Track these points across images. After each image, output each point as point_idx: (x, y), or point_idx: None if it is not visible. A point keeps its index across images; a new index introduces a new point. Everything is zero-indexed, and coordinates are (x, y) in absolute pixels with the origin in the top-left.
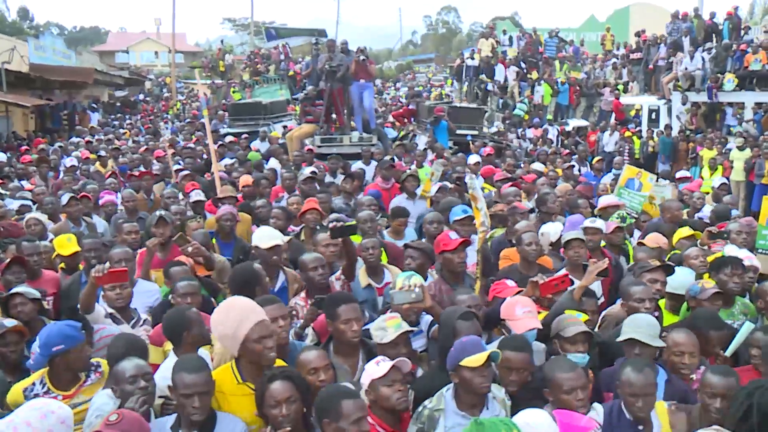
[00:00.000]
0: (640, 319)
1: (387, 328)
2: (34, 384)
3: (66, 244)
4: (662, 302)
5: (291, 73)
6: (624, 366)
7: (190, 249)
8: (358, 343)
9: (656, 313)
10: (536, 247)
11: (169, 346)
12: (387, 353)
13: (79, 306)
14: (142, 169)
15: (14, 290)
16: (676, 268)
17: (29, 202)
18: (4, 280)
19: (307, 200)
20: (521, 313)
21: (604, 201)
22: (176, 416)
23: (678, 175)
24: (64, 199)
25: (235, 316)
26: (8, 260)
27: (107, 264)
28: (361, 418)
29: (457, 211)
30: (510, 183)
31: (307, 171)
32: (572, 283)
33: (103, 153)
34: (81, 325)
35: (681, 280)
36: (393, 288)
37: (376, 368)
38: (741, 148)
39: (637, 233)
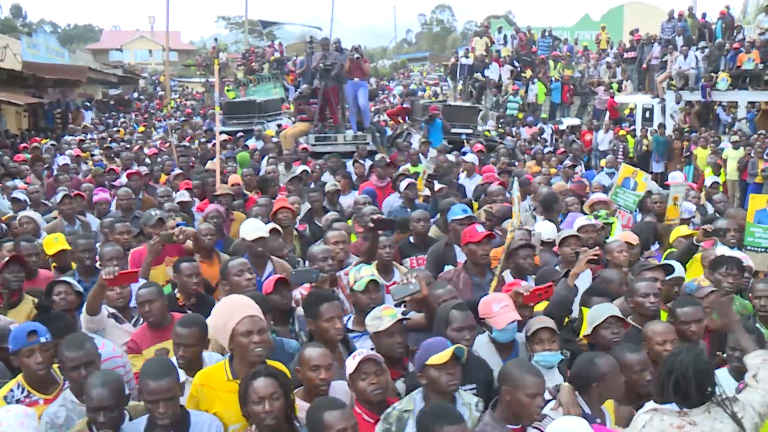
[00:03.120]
0: (593, 312)
1: (383, 317)
2: (12, 390)
3: (52, 243)
4: None
5: (274, 57)
6: (615, 350)
7: (181, 237)
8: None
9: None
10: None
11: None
12: (382, 342)
13: (85, 307)
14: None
15: (62, 278)
16: None
17: (21, 194)
18: (2, 279)
19: (278, 199)
20: (498, 309)
21: (592, 199)
22: (148, 418)
23: (670, 176)
24: (58, 197)
25: (227, 309)
26: (7, 259)
27: (117, 267)
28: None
29: (456, 210)
30: (500, 182)
31: (298, 170)
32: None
33: (96, 152)
34: (34, 329)
35: None
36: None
37: (351, 362)
38: (735, 147)
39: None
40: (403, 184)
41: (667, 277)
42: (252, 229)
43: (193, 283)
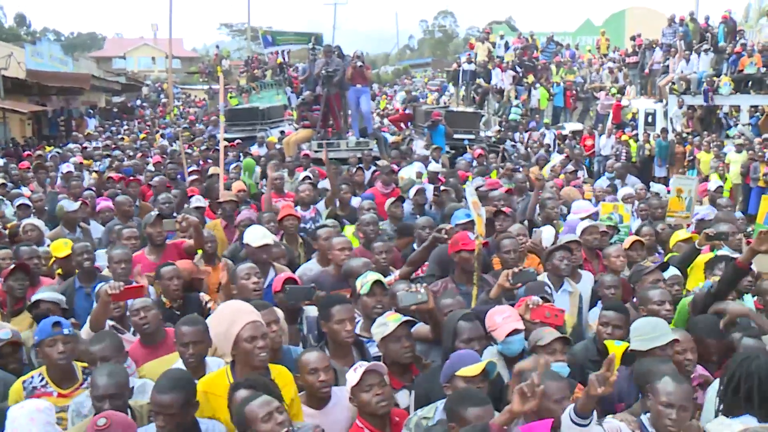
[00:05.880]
0: (638, 326)
1: (388, 322)
2: (32, 377)
3: (62, 247)
4: None
5: (279, 60)
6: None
7: (183, 224)
8: (351, 344)
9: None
10: (513, 255)
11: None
12: (390, 348)
13: (89, 323)
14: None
15: (46, 296)
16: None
17: (27, 201)
18: (7, 286)
19: (284, 206)
20: (500, 320)
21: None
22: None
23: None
24: (69, 205)
25: (229, 315)
26: (12, 267)
27: (122, 283)
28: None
29: (459, 215)
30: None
31: (301, 176)
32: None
33: (104, 161)
34: (55, 321)
35: None
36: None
37: (353, 375)
38: (738, 151)
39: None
40: (412, 191)
41: (667, 278)
42: (259, 235)
43: (174, 285)
